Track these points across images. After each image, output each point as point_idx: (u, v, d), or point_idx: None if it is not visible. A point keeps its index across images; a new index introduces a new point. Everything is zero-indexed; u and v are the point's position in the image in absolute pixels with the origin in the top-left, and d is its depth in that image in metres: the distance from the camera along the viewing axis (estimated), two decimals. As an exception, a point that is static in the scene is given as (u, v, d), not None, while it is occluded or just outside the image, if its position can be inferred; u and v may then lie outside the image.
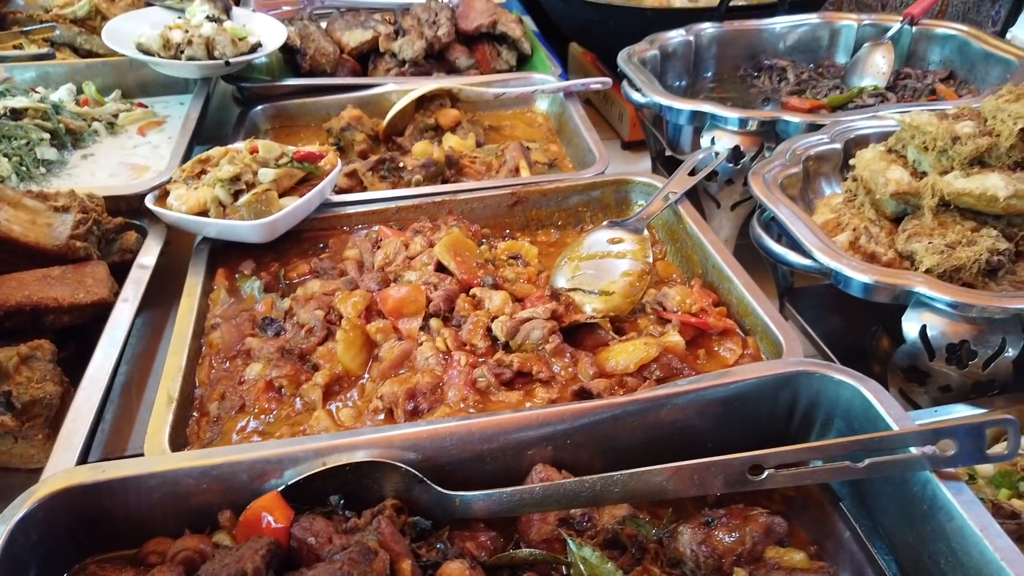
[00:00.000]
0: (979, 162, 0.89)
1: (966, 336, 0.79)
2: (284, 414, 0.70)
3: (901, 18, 1.48)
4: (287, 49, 1.38)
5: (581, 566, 0.53)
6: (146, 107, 1.27)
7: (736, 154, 1.17)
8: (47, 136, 1.11)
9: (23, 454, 0.71)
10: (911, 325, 0.81)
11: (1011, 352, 0.79)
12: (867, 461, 0.53)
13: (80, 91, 1.27)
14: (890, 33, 1.47)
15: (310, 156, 0.92)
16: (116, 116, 1.21)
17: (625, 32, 1.46)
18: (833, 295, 0.87)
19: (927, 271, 0.83)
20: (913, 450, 0.53)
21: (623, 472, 0.54)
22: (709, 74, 1.54)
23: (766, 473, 0.53)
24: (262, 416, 0.70)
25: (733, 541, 0.53)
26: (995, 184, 0.84)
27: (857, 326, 0.98)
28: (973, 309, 0.77)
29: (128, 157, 1.12)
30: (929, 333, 0.80)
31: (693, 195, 1.05)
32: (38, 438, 0.69)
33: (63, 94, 1.23)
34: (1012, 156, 0.87)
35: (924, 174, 0.92)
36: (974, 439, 0.51)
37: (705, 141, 1.19)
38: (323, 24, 1.47)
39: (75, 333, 0.78)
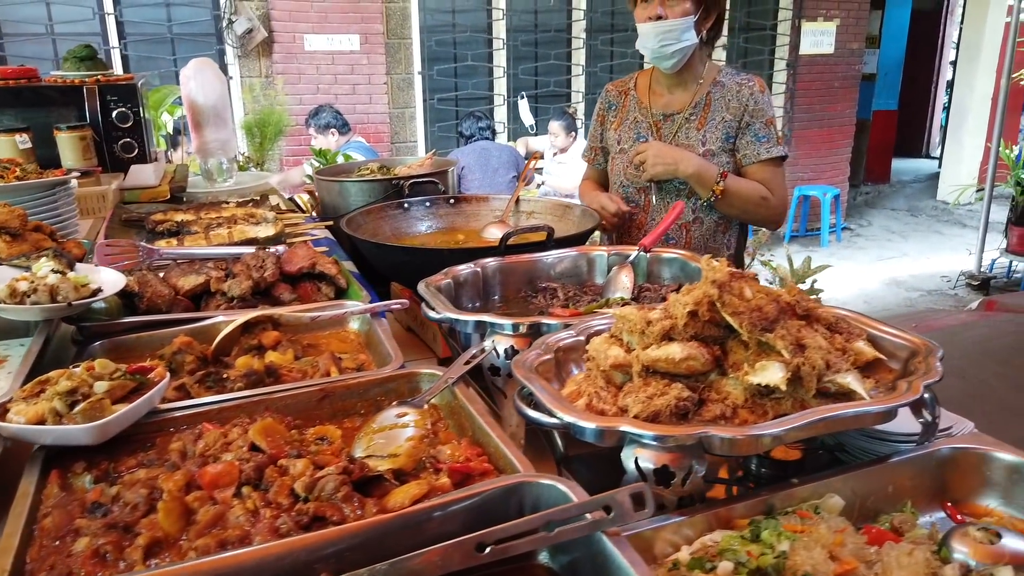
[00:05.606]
0: (668, 338, 1.21)
1: (666, 462, 1.05)
2: (108, 574, 0.81)
3: (638, 247, 1.92)
4: (126, 295, 1.58)
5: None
6: (-15, 350, 1.40)
7: (513, 352, 1.45)
8: None
9: None
10: (627, 459, 1.06)
11: (699, 471, 1.06)
12: (556, 530, 0.74)
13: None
14: (630, 258, 1.90)
15: (141, 369, 1.10)
16: (-44, 357, 1.33)
17: (428, 268, 1.79)
18: (594, 457, 1.11)
19: (635, 416, 1.10)
20: (588, 516, 0.75)
21: (385, 562, 0.72)
22: (496, 297, 1.88)
23: (488, 549, 0.73)
24: (87, 579, 0.81)
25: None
26: (674, 350, 1.16)
27: (614, 477, 1.22)
28: (669, 440, 1.04)
29: (-34, 391, 1.23)
30: (640, 463, 1.05)
31: (487, 391, 1.31)
32: None
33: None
34: (687, 331, 1.19)
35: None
36: (621, 504, 0.74)
37: (489, 343, 1.47)
38: (161, 274, 1.70)
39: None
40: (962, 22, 10.73)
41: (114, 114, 3.00)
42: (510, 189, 6.09)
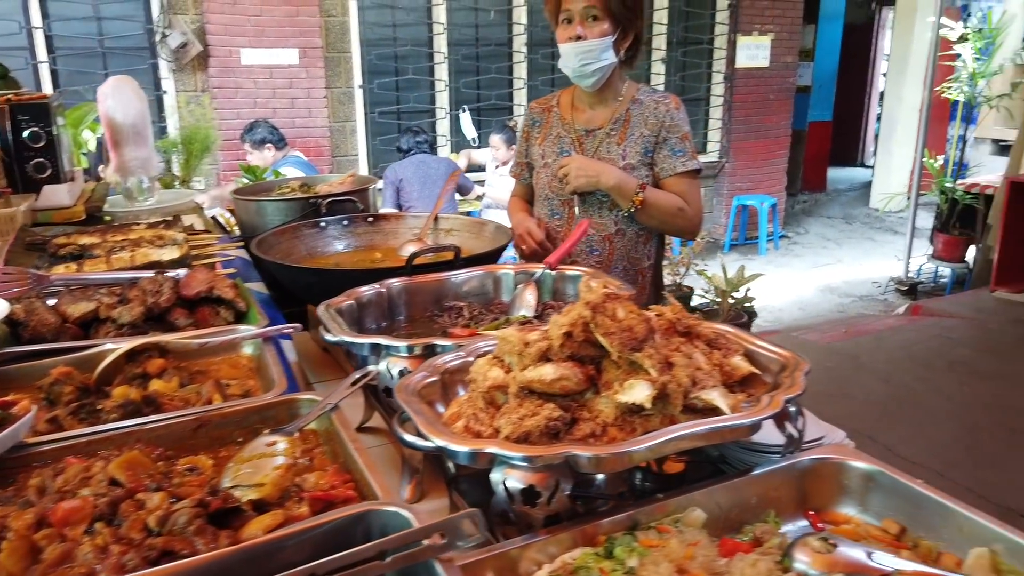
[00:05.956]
0: (546, 358, 1.23)
1: (533, 482, 1.07)
2: (-59, 619, 0.80)
3: (543, 265, 1.95)
4: (11, 323, 1.55)
5: None
6: None
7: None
8: None
9: None
10: (496, 480, 1.08)
11: (566, 489, 1.08)
12: (390, 557, 0.75)
13: None
14: (535, 276, 1.93)
15: (4, 403, 1.08)
16: None
17: (339, 288, 1.79)
18: (483, 477, 1.11)
19: (506, 437, 1.12)
20: (426, 542, 0.76)
21: (214, 597, 0.72)
22: (402, 317, 1.89)
23: (321, 579, 0.74)
24: (-82, 625, 0.79)
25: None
26: (547, 371, 1.18)
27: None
28: (536, 460, 1.06)
29: None
30: (508, 484, 1.07)
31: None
32: None
33: None
34: (563, 352, 1.22)
35: (516, 372, 1.25)
36: (455, 530, 0.76)
37: (381, 365, 1.48)
38: (51, 301, 1.66)
39: None
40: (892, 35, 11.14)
41: (25, 134, 2.92)
42: (449, 201, 6.11)
